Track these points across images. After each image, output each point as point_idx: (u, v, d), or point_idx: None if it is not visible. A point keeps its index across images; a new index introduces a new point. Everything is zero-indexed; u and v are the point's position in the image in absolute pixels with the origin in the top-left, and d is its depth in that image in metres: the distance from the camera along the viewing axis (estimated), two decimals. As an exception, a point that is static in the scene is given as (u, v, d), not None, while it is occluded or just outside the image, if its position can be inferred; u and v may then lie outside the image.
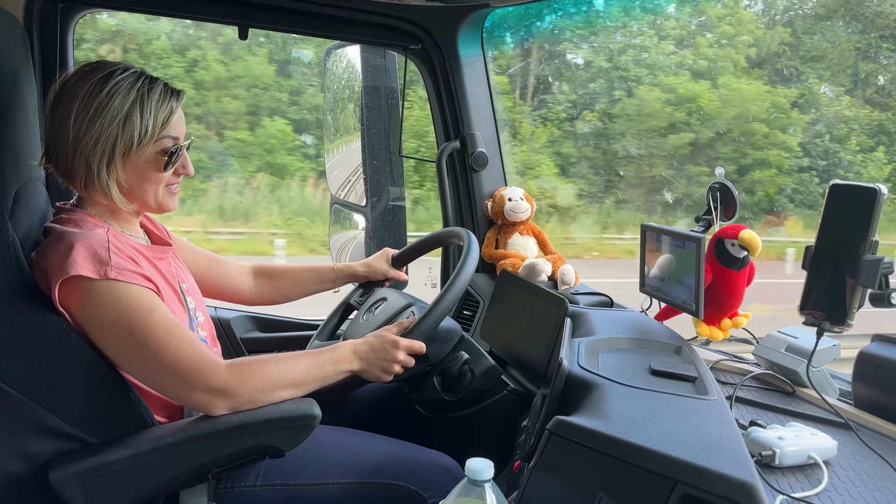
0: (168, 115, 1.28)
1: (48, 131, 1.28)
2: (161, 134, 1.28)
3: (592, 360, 1.32)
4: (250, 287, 1.75)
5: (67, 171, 1.27)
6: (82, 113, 1.23)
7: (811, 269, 1.31)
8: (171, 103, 1.29)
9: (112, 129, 1.23)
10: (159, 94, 1.28)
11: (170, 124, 1.29)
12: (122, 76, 1.25)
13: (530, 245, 2.16)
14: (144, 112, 1.25)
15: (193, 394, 1.19)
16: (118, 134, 1.24)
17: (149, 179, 1.30)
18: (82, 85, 1.24)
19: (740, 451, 0.96)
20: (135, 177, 1.29)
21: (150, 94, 1.26)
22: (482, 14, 2.08)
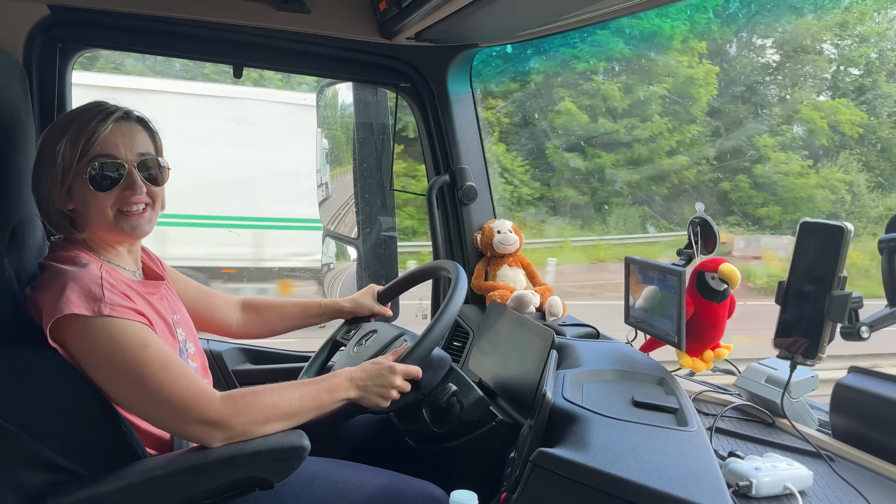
0: (90, 137, 1.29)
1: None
2: (88, 154, 1.29)
3: (577, 391, 1.35)
4: (237, 320, 1.78)
5: (49, 220, 1.35)
6: (37, 156, 1.33)
7: (784, 304, 1.35)
8: (97, 125, 1.30)
9: (43, 159, 1.31)
10: (89, 115, 1.31)
11: (93, 144, 1.29)
12: (63, 116, 1.35)
13: (519, 277, 2.19)
14: (66, 140, 1.29)
15: (189, 426, 1.21)
16: (44, 165, 1.31)
17: (91, 202, 1.31)
18: (41, 138, 1.34)
19: (716, 482, 0.99)
20: (81, 203, 1.32)
21: (74, 121, 1.31)
22: (470, 53, 2.14)
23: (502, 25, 1.89)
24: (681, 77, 10.59)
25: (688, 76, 10.54)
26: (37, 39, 1.80)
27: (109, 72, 7.14)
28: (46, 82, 1.84)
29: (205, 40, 1.94)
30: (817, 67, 11.31)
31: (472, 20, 1.70)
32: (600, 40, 8.91)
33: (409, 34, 1.89)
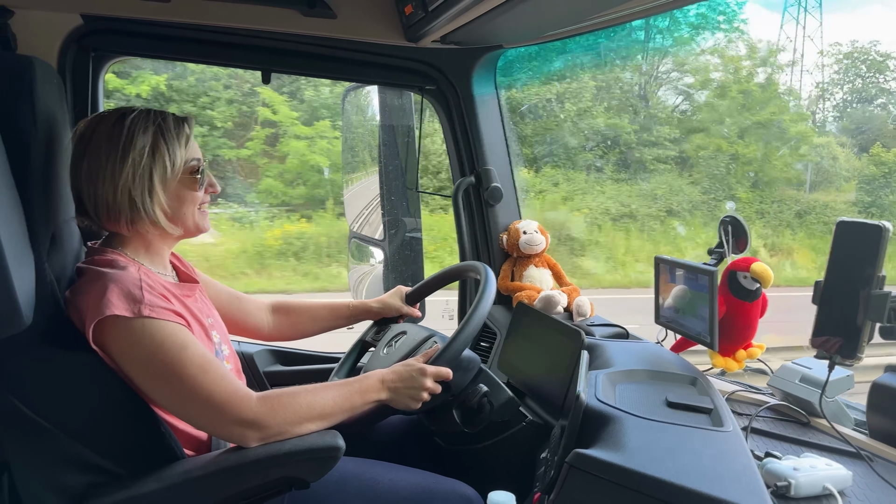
0: (187, 139, 1.38)
1: (80, 183, 1.34)
2: (187, 156, 1.37)
3: (609, 392, 1.34)
4: (268, 323, 1.80)
5: (110, 213, 1.33)
6: (111, 155, 1.30)
7: (821, 304, 1.34)
8: (184, 129, 1.38)
9: (145, 161, 1.31)
10: (172, 122, 1.37)
11: (191, 147, 1.38)
12: (133, 114, 1.34)
13: (546, 277, 2.19)
14: (168, 140, 1.34)
15: (226, 426, 1.23)
16: (152, 165, 1.32)
17: (187, 201, 1.38)
18: (101, 131, 1.32)
19: (755, 483, 0.99)
20: (175, 201, 1.37)
21: (165, 123, 1.35)
22: (495, 55, 2.15)
23: (528, 27, 1.89)
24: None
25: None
26: (70, 48, 1.84)
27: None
28: (80, 90, 1.87)
29: (234, 46, 1.97)
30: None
31: (497, 22, 1.70)
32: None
33: (434, 37, 1.89)
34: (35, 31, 1.78)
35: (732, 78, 11.18)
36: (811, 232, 10.00)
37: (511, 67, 2.39)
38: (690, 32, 11.11)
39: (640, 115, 11.29)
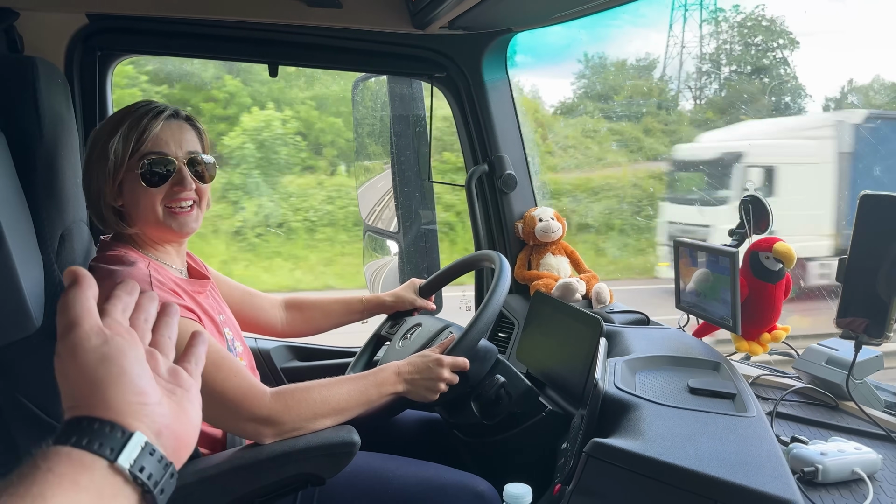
0: (141, 134, 1.32)
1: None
2: (139, 151, 1.32)
3: (629, 379, 1.31)
4: (282, 319, 1.79)
5: (99, 217, 1.37)
6: (85, 163, 1.36)
7: (846, 282, 1.29)
8: (148, 123, 1.33)
9: (95, 157, 1.33)
10: (141, 113, 1.33)
11: (145, 141, 1.32)
12: (122, 110, 1.34)
13: (563, 265, 2.16)
14: (118, 137, 1.31)
15: (240, 423, 1.22)
16: (96, 163, 1.33)
17: (141, 198, 1.34)
18: (92, 136, 1.36)
19: (781, 469, 0.95)
20: (131, 199, 1.35)
21: (125, 118, 1.33)
22: (505, 39, 2.11)
23: (537, 9, 1.85)
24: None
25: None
26: (77, 48, 1.83)
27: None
28: (87, 89, 1.87)
29: (240, 40, 1.95)
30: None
31: (505, 5, 1.67)
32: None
33: (442, 23, 1.86)
34: (41, 32, 1.78)
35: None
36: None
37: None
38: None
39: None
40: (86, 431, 0.52)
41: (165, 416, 0.57)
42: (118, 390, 0.55)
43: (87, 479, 0.50)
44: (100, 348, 0.56)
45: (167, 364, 0.63)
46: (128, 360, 0.57)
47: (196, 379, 0.65)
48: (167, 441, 0.56)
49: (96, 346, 0.56)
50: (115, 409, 0.54)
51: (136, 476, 0.52)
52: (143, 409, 0.55)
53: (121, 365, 0.56)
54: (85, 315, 0.57)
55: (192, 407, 0.62)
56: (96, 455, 0.51)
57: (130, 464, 0.52)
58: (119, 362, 0.56)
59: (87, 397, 0.54)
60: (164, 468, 0.55)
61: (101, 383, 0.55)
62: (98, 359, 0.56)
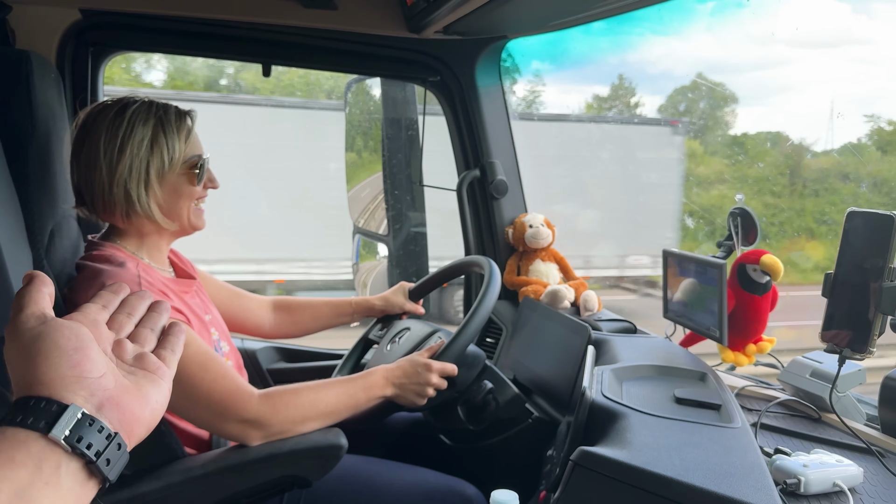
0: (188, 133, 1.35)
1: (78, 172, 1.33)
2: (187, 151, 1.35)
3: (616, 388, 1.32)
4: (270, 321, 1.78)
5: (106, 204, 1.31)
6: (110, 145, 1.29)
7: (831, 296, 1.31)
8: (186, 122, 1.36)
9: (142, 153, 1.30)
10: (174, 115, 1.35)
11: (191, 141, 1.36)
12: (135, 106, 1.32)
13: (552, 271, 2.16)
14: (168, 133, 1.32)
15: (227, 424, 1.21)
16: (149, 157, 1.30)
17: (183, 196, 1.36)
18: (101, 121, 1.30)
19: (764, 480, 0.96)
20: (171, 196, 1.35)
21: (166, 116, 1.33)
22: (499, 45, 2.11)
23: (532, 16, 1.86)
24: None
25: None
26: (69, 43, 1.82)
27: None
28: (79, 85, 1.86)
29: (233, 39, 1.95)
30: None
31: (501, 11, 1.67)
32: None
33: (437, 28, 1.87)
34: (34, 27, 1.77)
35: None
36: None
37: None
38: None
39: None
40: (21, 409, 0.52)
41: (108, 389, 0.57)
42: (50, 364, 0.55)
43: (23, 453, 0.50)
44: (35, 328, 0.57)
45: (136, 351, 0.64)
46: (64, 336, 0.57)
47: (169, 366, 0.65)
48: (110, 414, 0.56)
49: (32, 327, 0.57)
50: (48, 383, 0.54)
51: (75, 447, 0.52)
52: (80, 381, 0.55)
53: (54, 340, 0.56)
54: (29, 303, 0.59)
55: (155, 390, 0.61)
56: (29, 430, 0.51)
57: (66, 434, 0.52)
58: (52, 338, 0.56)
59: (24, 376, 0.55)
60: (108, 439, 0.54)
61: (34, 359, 0.55)
62: (32, 337, 0.56)
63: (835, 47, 8.65)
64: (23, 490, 0.49)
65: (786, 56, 8.89)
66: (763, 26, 4.04)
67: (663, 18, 5.49)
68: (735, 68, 9.15)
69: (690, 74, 9.44)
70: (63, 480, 0.52)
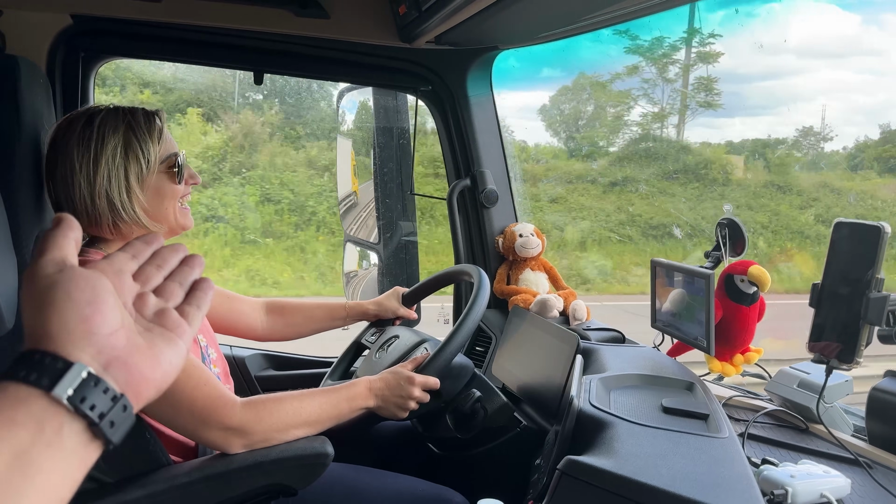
0: (160, 134, 1.34)
1: (56, 189, 1.31)
2: (161, 151, 1.34)
3: (604, 397, 1.32)
4: (262, 323, 1.77)
5: (91, 218, 1.30)
6: (84, 159, 1.28)
7: (818, 307, 1.32)
8: (156, 123, 1.34)
9: (118, 161, 1.29)
10: (143, 117, 1.33)
11: (164, 141, 1.35)
12: (102, 114, 1.31)
13: (541, 281, 2.17)
14: (140, 137, 1.31)
15: (209, 432, 1.20)
16: (126, 164, 1.30)
17: (167, 196, 1.35)
18: (71, 136, 1.29)
19: (752, 491, 0.96)
20: (155, 198, 1.34)
21: (135, 119, 1.32)
22: (490, 56, 2.13)
23: (523, 27, 1.87)
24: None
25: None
26: (60, 49, 1.82)
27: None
28: (69, 91, 1.85)
29: (226, 47, 1.95)
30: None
31: (492, 22, 1.68)
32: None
33: (428, 38, 1.87)
34: (24, 31, 1.76)
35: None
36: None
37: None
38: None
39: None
40: (26, 364, 0.50)
41: (117, 348, 0.53)
42: (59, 316, 0.52)
43: (23, 413, 0.48)
44: (52, 276, 0.54)
45: (158, 305, 0.60)
46: (78, 287, 0.53)
47: (192, 324, 0.61)
48: (118, 373, 0.53)
49: (49, 274, 0.54)
50: (54, 337, 0.51)
51: (77, 407, 0.49)
52: (89, 337, 0.52)
53: (67, 291, 0.53)
54: (51, 247, 0.55)
55: (170, 349, 0.58)
56: (31, 386, 0.49)
57: (69, 394, 0.49)
58: (66, 288, 0.53)
59: (33, 327, 0.52)
60: (113, 400, 0.52)
61: (44, 309, 0.52)
62: (46, 286, 0.53)
63: (844, 58, 8.73)
64: (23, 452, 0.47)
65: (795, 66, 8.97)
66: (772, 36, 4.08)
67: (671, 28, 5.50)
68: (744, 78, 9.23)
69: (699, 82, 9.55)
70: (66, 441, 0.49)
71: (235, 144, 9.79)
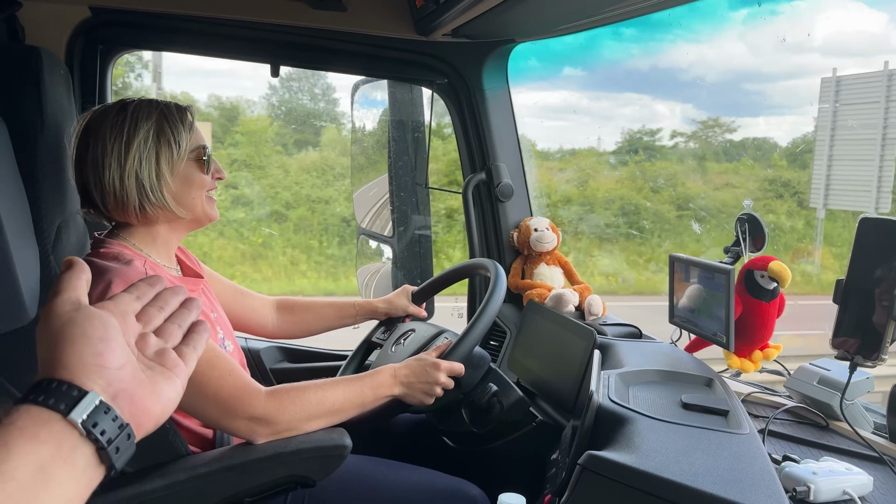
0: (191, 125, 1.37)
1: (84, 173, 1.32)
2: (192, 141, 1.36)
3: (623, 392, 1.31)
4: (273, 320, 1.78)
5: (118, 200, 1.31)
6: (116, 141, 1.29)
7: (842, 303, 1.30)
8: (187, 115, 1.37)
9: (150, 145, 1.31)
10: (175, 108, 1.36)
11: (195, 133, 1.37)
12: (135, 102, 1.33)
13: (556, 275, 2.16)
14: (172, 124, 1.33)
15: (235, 421, 1.21)
16: (157, 148, 1.31)
17: (195, 185, 1.37)
18: (104, 121, 1.31)
19: (774, 487, 0.95)
20: (183, 185, 1.35)
21: (168, 109, 1.35)
22: (507, 48, 2.12)
23: (540, 20, 1.86)
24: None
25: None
26: (78, 40, 1.82)
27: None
28: (88, 83, 1.86)
29: (242, 39, 1.95)
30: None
31: (509, 15, 1.68)
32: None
33: (445, 31, 1.87)
34: (43, 23, 1.77)
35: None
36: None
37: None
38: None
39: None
40: (44, 390, 0.55)
41: (124, 381, 0.59)
42: (75, 350, 0.57)
43: (45, 431, 0.53)
44: (69, 313, 0.60)
45: (158, 345, 0.65)
46: (93, 325, 0.59)
47: (188, 363, 0.67)
48: (123, 405, 0.58)
49: (66, 312, 0.60)
50: (70, 368, 0.57)
51: (90, 431, 0.55)
52: (100, 371, 0.58)
53: (83, 328, 0.59)
54: (66, 288, 0.62)
55: (168, 386, 0.63)
56: (52, 410, 0.54)
57: (83, 419, 0.54)
58: (82, 326, 0.59)
59: (50, 359, 0.58)
60: (120, 428, 0.57)
61: (61, 343, 0.58)
62: (64, 322, 0.59)
63: (870, 57, 8.63)
64: (45, 465, 0.52)
65: (820, 65, 8.87)
66: (797, 34, 4.01)
67: (694, 25, 5.44)
68: (768, 77, 9.12)
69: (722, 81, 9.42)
70: (78, 461, 0.54)
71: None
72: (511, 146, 2.23)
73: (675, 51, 8.36)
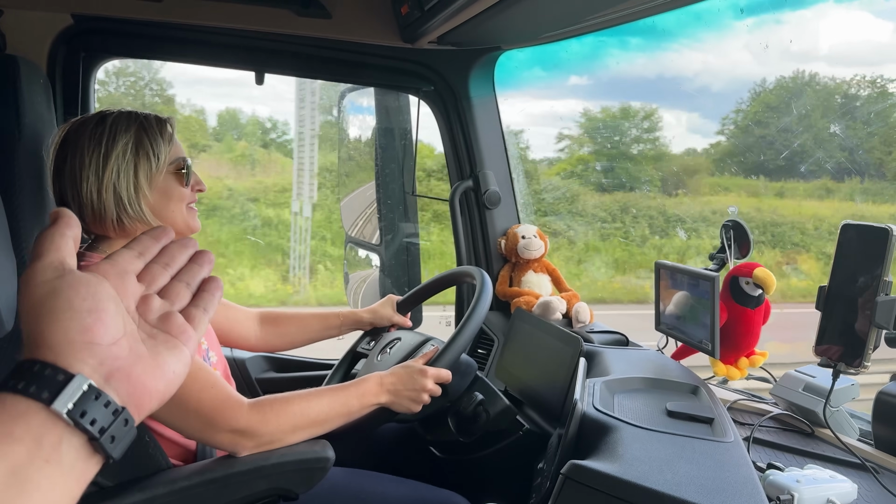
0: (170, 138, 1.35)
1: (63, 183, 1.31)
2: (171, 153, 1.35)
3: (608, 400, 1.31)
4: (256, 333, 1.76)
5: (96, 213, 1.29)
6: (94, 153, 1.28)
7: (825, 310, 1.30)
8: (167, 127, 1.36)
9: (128, 157, 1.29)
10: (154, 120, 1.34)
11: (174, 145, 1.36)
12: (114, 114, 1.32)
13: (544, 282, 2.16)
14: (151, 137, 1.32)
15: (217, 434, 1.19)
16: (136, 161, 1.30)
17: (174, 198, 1.36)
18: (83, 133, 1.29)
19: (757, 496, 0.95)
20: (162, 199, 1.34)
21: (147, 121, 1.33)
22: (493, 56, 2.12)
23: (526, 27, 1.86)
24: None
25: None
26: (60, 49, 1.81)
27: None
28: (70, 91, 1.84)
29: (227, 47, 1.94)
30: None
31: (495, 22, 1.67)
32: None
33: (431, 38, 1.87)
34: (25, 31, 1.75)
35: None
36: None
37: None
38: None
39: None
40: (25, 374, 0.48)
41: (120, 358, 0.51)
42: (59, 326, 0.50)
43: (22, 427, 0.46)
44: (50, 282, 0.51)
45: (163, 308, 0.57)
46: (79, 295, 0.51)
47: (197, 328, 0.58)
48: (119, 385, 0.51)
49: (48, 280, 0.51)
50: (54, 347, 0.49)
51: (77, 422, 0.47)
52: (90, 348, 0.50)
53: (68, 299, 0.50)
54: (49, 250, 0.53)
55: (173, 358, 0.55)
56: (31, 399, 0.47)
57: (69, 408, 0.47)
58: (67, 296, 0.51)
59: (31, 336, 0.50)
60: (114, 415, 0.50)
61: (44, 318, 0.50)
62: (46, 293, 0.51)
63: (877, 65, 8.72)
64: (20, 468, 0.45)
65: (826, 74, 8.94)
66: (803, 43, 4.02)
67: (697, 34, 5.47)
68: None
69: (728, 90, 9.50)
70: (64, 457, 0.48)
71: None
72: (498, 153, 2.22)
73: (680, 59, 8.40)
